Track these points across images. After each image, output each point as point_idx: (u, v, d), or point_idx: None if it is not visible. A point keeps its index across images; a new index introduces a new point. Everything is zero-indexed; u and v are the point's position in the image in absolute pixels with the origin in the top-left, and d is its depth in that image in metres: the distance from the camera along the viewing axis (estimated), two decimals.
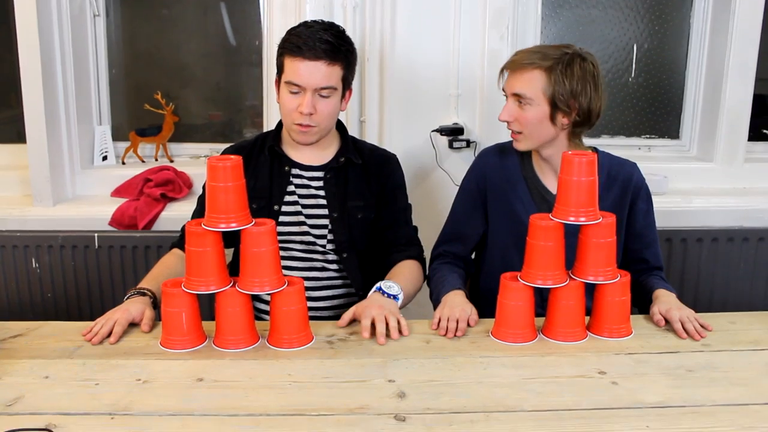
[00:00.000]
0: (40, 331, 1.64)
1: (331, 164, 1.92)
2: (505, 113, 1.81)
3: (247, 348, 1.53)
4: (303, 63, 1.75)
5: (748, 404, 1.30)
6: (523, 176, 1.91)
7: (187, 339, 1.54)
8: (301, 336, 1.55)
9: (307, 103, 1.76)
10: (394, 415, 1.24)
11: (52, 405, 1.28)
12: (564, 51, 1.77)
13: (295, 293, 1.54)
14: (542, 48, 1.80)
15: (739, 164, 2.78)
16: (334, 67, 1.77)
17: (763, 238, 2.58)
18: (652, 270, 1.92)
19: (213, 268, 1.52)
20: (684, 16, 2.83)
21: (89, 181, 2.76)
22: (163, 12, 2.89)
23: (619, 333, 1.60)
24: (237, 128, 3.00)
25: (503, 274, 1.62)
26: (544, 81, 1.75)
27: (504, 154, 1.95)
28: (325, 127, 1.84)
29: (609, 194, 1.86)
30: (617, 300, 1.60)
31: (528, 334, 1.58)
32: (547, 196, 1.88)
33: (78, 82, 2.68)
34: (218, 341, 1.55)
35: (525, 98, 1.76)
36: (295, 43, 1.75)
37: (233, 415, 1.25)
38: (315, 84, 1.76)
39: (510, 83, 1.80)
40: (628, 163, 1.94)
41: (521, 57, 1.78)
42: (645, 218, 1.92)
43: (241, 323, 1.54)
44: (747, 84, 2.69)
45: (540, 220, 1.56)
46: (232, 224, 1.49)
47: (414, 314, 1.82)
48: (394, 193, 1.97)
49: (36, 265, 2.54)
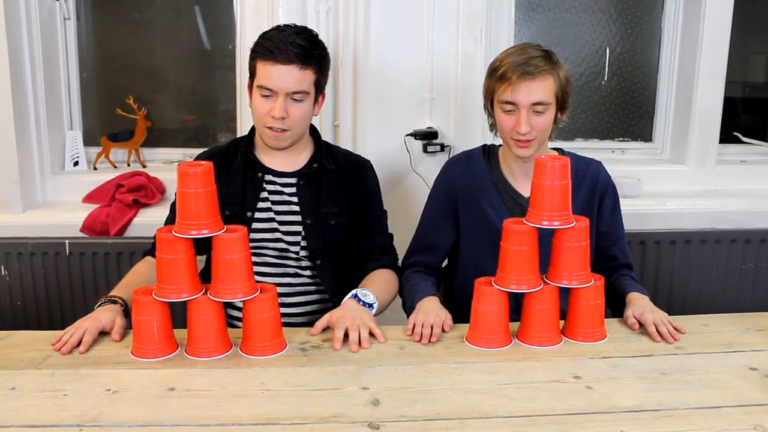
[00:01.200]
0: (7, 340, 1.61)
1: (304, 170, 1.90)
2: (524, 125, 1.74)
3: (220, 356, 1.52)
4: (275, 67, 1.73)
5: (722, 407, 1.30)
6: (492, 182, 1.91)
7: (159, 348, 1.52)
8: (274, 343, 1.54)
9: (279, 107, 1.75)
10: (368, 423, 1.23)
11: (18, 417, 1.25)
12: (538, 48, 1.77)
13: (268, 300, 1.52)
14: (526, 50, 1.76)
15: (711, 166, 2.81)
16: (306, 71, 1.76)
17: (735, 240, 2.61)
18: (621, 268, 1.92)
19: (184, 276, 1.50)
20: (655, 19, 2.85)
21: (60, 187, 2.72)
22: (135, 15, 2.86)
23: (593, 337, 1.61)
24: (211, 133, 2.97)
25: (477, 279, 1.62)
26: (554, 83, 1.75)
27: (471, 162, 1.95)
28: (297, 131, 1.82)
29: (578, 194, 1.86)
30: (591, 304, 1.60)
31: (503, 339, 1.58)
32: (519, 199, 1.88)
33: (48, 87, 2.65)
34: (190, 350, 1.53)
35: (544, 104, 1.75)
36: (267, 47, 1.74)
37: (205, 425, 1.23)
38: (287, 88, 1.74)
39: (526, 92, 1.73)
40: (594, 161, 1.95)
41: (531, 65, 1.72)
42: (612, 215, 1.93)
43: (214, 331, 1.52)
44: (718, 87, 2.71)
45: (513, 225, 1.56)
46: (203, 231, 1.47)
47: (389, 320, 1.82)
48: (369, 199, 1.95)
49: (5, 273, 2.50)
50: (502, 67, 1.75)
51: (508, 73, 1.73)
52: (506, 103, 1.76)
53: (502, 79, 1.74)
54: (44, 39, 2.60)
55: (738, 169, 2.87)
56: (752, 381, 1.41)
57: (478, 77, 2.56)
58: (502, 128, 1.81)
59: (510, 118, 1.77)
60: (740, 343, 1.61)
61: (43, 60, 2.60)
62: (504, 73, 1.74)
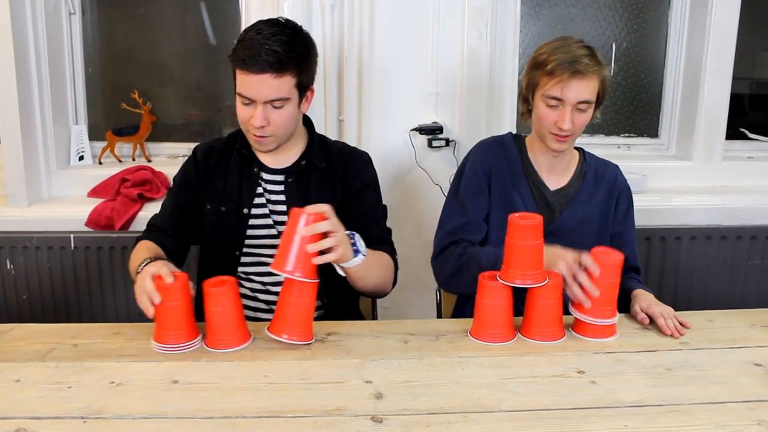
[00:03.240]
0: (12, 333, 1.61)
1: (292, 168, 1.85)
2: (568, 121, 1.75)
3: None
4: (249, 77, 1.67)
5: (726, 402, 1.30)
6: (524, 172, 1.91)
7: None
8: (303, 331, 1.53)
9: (258, 116, 1.69)
10: (371, 417, 1.23)
11: (22, 409, 1.25)
12: (582, 44, 1.77)
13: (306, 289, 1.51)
14: (571, 46, 1.76)
15: (718, 163, 2.80)
16: (283, 78, 1.68)
17: (741, 237, 2.60)
18: (628, 270, 1.90)
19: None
20: (662, 14, 2.84)
21: (65, 182, 2.73)
22: (140, 10, 2.86)
23: (602, 333, 1.59)
24: (216, 128, 2.97)
25: (481, 273, 1.61)
26: (599, 82, 1.77)
27: (504, 149, 1.94)
28: (282, 134, 1.77)
29: (598, 192, 1.90)
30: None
31: (506, 333, 1.57)
32: (546, 192, 1.90)
33: (53, 81, 2.65)
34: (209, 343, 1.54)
35: (588, 103, 1.76)
36: (240, 56, 1.67)
37: (208, 418, 1.23)
38: (264, 97, 1.68)
39: (576, 90, 1.74)
40: (612, 164, 1.99)
41: (582, 63, 1.72)
42: (625, 218, 1.95)
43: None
44: (725, 83, 2.71)
45: (520, 220, 1.56)
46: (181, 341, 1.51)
47: (390, 315, 1.81)
48: (362, 193, 1.87)
49: (11, 267, 2.51)
50: (551, 62, 1.74)
51: (559, 69, 1.73)
52: (552, 98, 1.76)
53: (552, 74, 1.74)
54: (50, 34, 2.61)
55: (744, 166, 2.86)
56: (757, 377, 1.40)
57: (484, 72, 2.57)
58: (542, 121, 1.81)
59: (553, 112, 1.77)
60: (745, 339, 1.60)
61: (49, 55, 2.61)
62: (554, 69, 1.73)
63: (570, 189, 1.92)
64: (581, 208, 1.90)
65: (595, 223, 1.91)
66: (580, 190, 1.92)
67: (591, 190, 1.92)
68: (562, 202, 1.91)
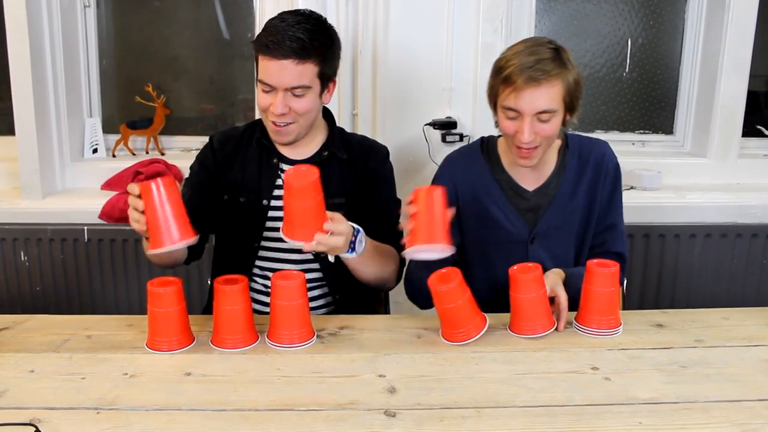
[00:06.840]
0: (27, 324, 1.62)
1: (313, 158, 1.84)
2: (527, 133, 1.62)
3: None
4: (272, 62, 1.66)
5: (742, 400, 1.29)
6: (494, 179, 1.82)
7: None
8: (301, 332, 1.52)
9: (278, 103, 1.69)
10: (384, 411, 1.23)
11: (36, 399, 1.26)
12: (549, 47, 1.63)
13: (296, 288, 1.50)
14: (535, 49, 1.62)
15: (733, 160, 2.78)
16: (305, 66, 1.67)
17: (756, 234, 2.58)
18: (606, 255, 1.79)
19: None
20: (678, 11, 2.82)
21: (79, 174, 2.75)
22: (154, 4, 2.87)
23: (608, 324, 1.59)
24: (230, 121, 2.98)
25: (511, 268, 1.56)
26: (562, 88, 1.62)
27: (469, 159, 1.85)
28: (302, 124, 1.76)
29: (583, 178, 1.80)
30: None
31: (545, 323, 1.56)
32: (524, 194, 1.81)
33: (68, 74, 2.67)
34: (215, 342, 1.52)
35: (549, 112, 1.62)
36: (264, 41, 1.66)
37: (221, 410, 1.23)
38: (285, 84, 1.67)
39: (530, 100, 1.60)
40: (599, 142, 1.85)
41: (539, 69, 1.58)
42: (610, 198, 1.83)
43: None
44: (741, 80, 2.68)
45: (519, 273, 1.54)
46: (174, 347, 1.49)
47: (403, 309, 1.81)
48: (377, 188, 1.87)
49: (24, 258, 2.53)
50: (508, 68, 1.61)
51: (513, 76, 1.59)
52: (509, 109, 1.64)
53: (506, 82, 1.61)
54: (64, 27, 2.62)
55: (761, 163, 2.84)
56: None
57: None
58: (504, 133, 1.71)
59: (512, 124, 1.65)
60: (761, 337, 1.58)
61: (63, 48, 2.63)
62: (509, 76, 1.60)
63: (550, 185, 1.81)
64: (565, 202, 1.80)
65: (583, 211, 1.82)
66: (561, 183, 1.81)
67: (575, 179, 1.80)
68: (543, 202, 1.81)
